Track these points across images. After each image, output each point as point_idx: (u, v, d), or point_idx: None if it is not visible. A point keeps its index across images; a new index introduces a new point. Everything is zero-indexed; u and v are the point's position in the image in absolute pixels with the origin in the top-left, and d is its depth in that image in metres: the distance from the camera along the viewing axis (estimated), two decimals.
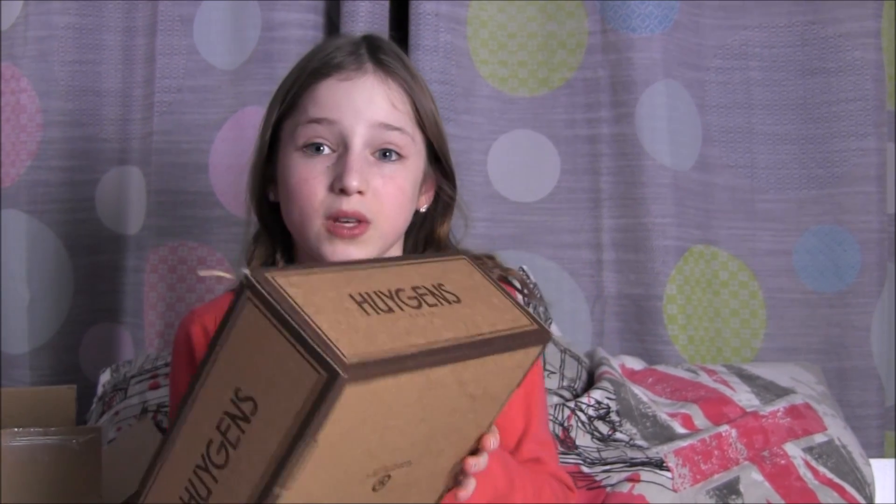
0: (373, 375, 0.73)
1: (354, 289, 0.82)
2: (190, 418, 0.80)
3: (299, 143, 1.17)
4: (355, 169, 1.13)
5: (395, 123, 1.17)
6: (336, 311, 0.77)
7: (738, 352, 1.99)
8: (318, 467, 0.75)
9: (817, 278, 2.00)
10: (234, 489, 0.76)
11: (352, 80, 1.17)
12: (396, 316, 0.81)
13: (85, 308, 2.08)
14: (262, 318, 0.75)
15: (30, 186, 2.04)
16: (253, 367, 0.75)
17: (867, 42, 1.97)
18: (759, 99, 2.03)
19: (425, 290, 0.88)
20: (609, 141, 1.98)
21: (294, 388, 0.72)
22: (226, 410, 0.77)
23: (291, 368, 0.72)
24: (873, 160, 1.97)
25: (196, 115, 2.02)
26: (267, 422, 0.74)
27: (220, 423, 0.77)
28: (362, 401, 0.74)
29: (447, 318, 0.85)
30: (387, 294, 0.84)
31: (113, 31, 2.08)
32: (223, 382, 0.78)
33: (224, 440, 0.77)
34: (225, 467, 0.77)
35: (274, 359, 0.74)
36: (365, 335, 0.76)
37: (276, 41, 1.97)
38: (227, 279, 0.91)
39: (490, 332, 0.87)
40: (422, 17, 1.92)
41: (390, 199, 1.17)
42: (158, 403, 1.66)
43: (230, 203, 1.99)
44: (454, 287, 0.91)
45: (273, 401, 0.74)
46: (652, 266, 1.94)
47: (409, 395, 0.79)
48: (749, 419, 1.64)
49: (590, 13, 1.99)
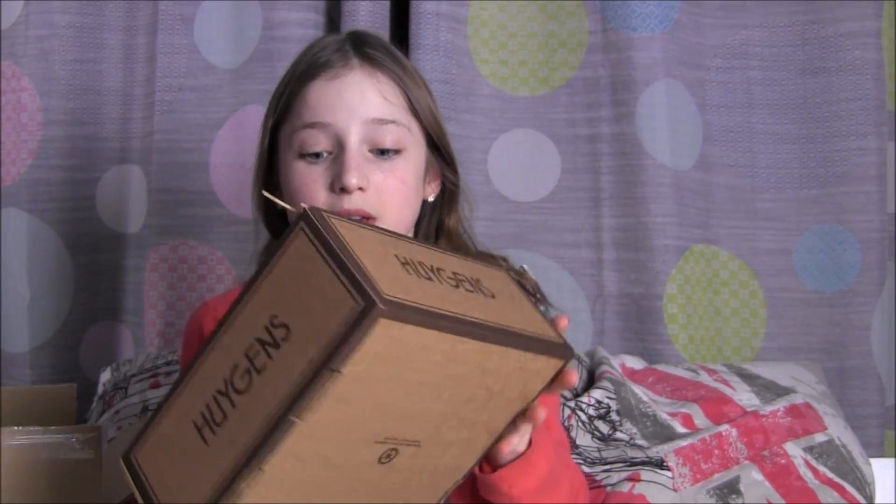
0: (405, 318, 0.74)
1: (400, 252, 0.84)
2: (221, 343, 0.80)
3: (296, 149, 1.17)
4: (353, 167, 1.13)
5: (388, 117, 1.17)
6: (380, 261, 0.79)
7: (738, 351, 1.99)
8: (336, 406, 0.75)
9: (818, 278, 2.00)
10: (250, 415, 0.76)
11: (340, 78, 1.17)
12: (434, 284, 0.83)
13: (85, 307, 2.08)
14: (311, 247, 0.76)
15: (30, 185, 2.04)
16: (294, 294, 0.77)
17: (867, 42, 1.97)
18: (760, 98, 2.03)
19: (464, 278, 0.89)
20: (609, 140, 1.98)
21: (329, 315, 0.73)
22: (258, 337, 0.77)
23: (330, 296, 0.74)
24: (873, 160, 1.96)
25: (197, 115, 2.02)
26: (296, 348, 0.75)
27: (250, 349, 0.78)
28: (391, 342, 0.74)
29: (480, 303, 0.86)
30: (429, 267, 0.86)
31: (114, 29, 2.08)
32: (261, 308, 0.79)
33: (250, 365, 0.77)
34: (245, 393, 0.77)
35: (316, 287, 0.75)
36: (404, 286, 0.78)
37: (276, 40, 1.97)
38: (290, 210, 0.91)
39: (519, 329, 0.87)
40: (422, 17, 1.92)
41: (393, 193, 1.17)
42: (159, 402, 1.66)
43: (231, 202, 1.99)
44: (491, 286, 0.92)
45: (306, 327, 0.75)
46: (652, 265, 1.94)
47: (433, 358, 0.79)
48: (749, 418, 1.64)
49: (590, 12, 1.99)
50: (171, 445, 0.82)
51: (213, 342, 0.81)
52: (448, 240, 1.30)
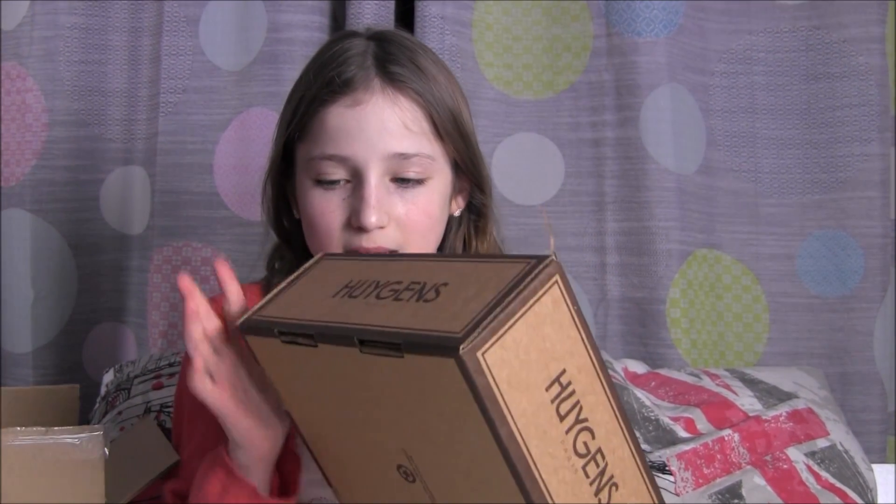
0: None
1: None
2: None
3: (313, 175, 1.14)
4: (372, 205, 1.09)
5: (410, 151, 1.12)
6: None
7: (740, 356, 1.99)
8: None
9: (820, 283, 2.00)
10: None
11: (360, 106, 1.11)
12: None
13: (88, 307, 2.09)
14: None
15: (34, 186, 2.04)
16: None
17: (871, 47, 1.97)
18: (764, 103, 2.03)
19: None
20: (613, 144, 1.98)
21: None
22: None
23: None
24: (877, 165, 1.97)
25: (201, 116, 2.02)
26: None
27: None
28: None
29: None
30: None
31: (119, 31, 2.08)
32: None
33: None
34: None
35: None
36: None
37: (281, 42, 1.97)
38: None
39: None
40: (427, 20, 1.92)
41: (416, 227, 1.13)
42: (162, 403, 1.66)
43: (234, 204, 1.99)
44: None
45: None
46: (655, 269, 1.94)
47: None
48: (752, 423, 1.64)
49: (595, 16, 1.99)
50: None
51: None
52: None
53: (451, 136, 1.16)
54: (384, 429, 0.85)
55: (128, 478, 1.32)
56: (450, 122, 1.16)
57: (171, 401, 1.65)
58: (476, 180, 1.22)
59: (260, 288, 1.27)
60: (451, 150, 1.17)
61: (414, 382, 0.77)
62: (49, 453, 1.18)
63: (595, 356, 0.80)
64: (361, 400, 0.85)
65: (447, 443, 0.78)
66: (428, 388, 0.75)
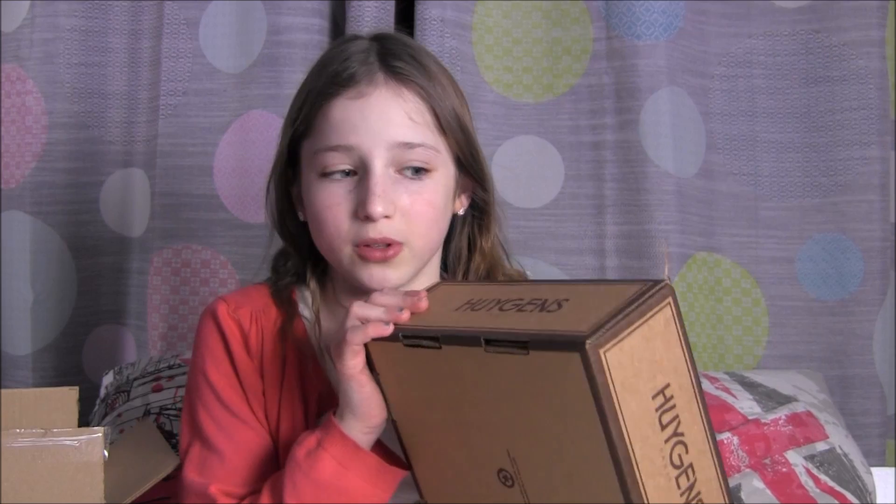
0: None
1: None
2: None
3: (319, 169, 1.14)
4: (377, 194, 1.10)
5: (414, 140, 1.13)
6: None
7: (740, 359, 1.99)
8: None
9: (820, 286, 2.00)
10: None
11: (364, 98, 1.12)
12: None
13: (88, 310, 2.09)
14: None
15: (34, 188, 2.04)
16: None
17: (871, 51, 1.97)
18: (763, 107, 2.03)
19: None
20: (613, 147, 1.98)
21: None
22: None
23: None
24: (876, 169, 1.97)
25: (201, 119, 2.02)
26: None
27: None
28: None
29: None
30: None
31: (119, 33, 2.08)
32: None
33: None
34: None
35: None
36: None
37: (281, 45, 1.97)
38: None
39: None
40: (427, 23, 1.92)
41: (420, 217, 1.14)
42: (161, 406, 1.66)
43: (234, 206, 1.99)
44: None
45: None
46: (655, 273, 1.94)
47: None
48: (751, 426, 1.64)
49: (595, 20, 1.99)
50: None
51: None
52: (482, 257, 1.27)
53: (453, 130, 1.17)
54: (493, 431, 0.91)
55: (127, 480, 1.32)
56: (452, 117, 1.17)
57: (170, 403, 1.65)
58: (478, 176, 1.23)
59: (268, 289, 1.27)
60: (453, 145, 1.18)
61: (535, 381, 0.83)
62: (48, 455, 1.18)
63: (695, 378, 0.86)
64: (477, 401, 0.91)
65: (556, 443, 0.84)
66: (549, 385, 0.81)
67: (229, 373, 1.20)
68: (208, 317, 1.24)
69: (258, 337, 1.21)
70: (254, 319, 1.22)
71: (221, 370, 1.20)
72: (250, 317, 1.22)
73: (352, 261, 1.14)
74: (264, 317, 1.23)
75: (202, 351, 1.23)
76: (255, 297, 1.25)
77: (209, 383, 1.20)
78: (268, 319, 1.23)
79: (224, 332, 1.21)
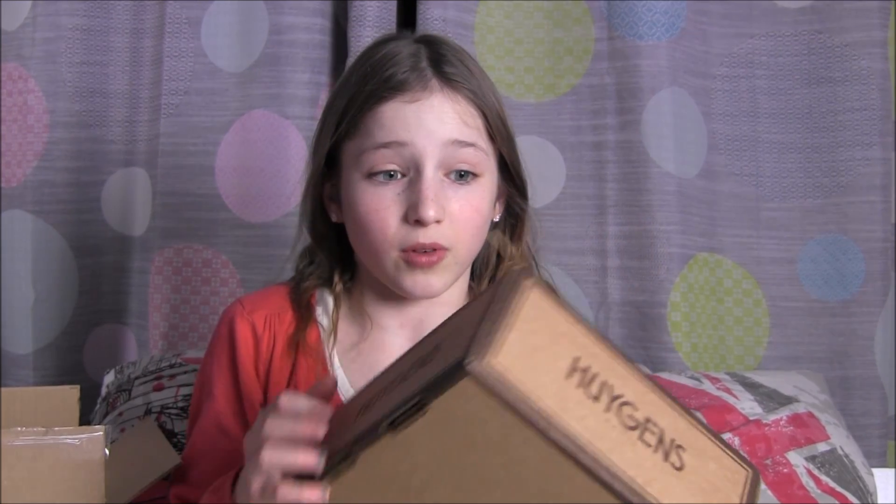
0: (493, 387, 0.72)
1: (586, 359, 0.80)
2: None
3: (365, 169, 1.11)
4: (431, 198, 1.08)
5: (468, 139, 1.11)
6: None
7: (741, 360, 1.99)
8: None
9: (821, 287, 2.00)
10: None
11: (419, 102, 1.10)
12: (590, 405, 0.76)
13: (89, 309, 2.09)
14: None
15: (36, 187, 2.04)
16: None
17: (873, 52, 1.97)
18: (765, 107, 2.03)
19: (656, 429, 0.79)
20: (615, 148, 1.97)
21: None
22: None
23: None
24: (878, 170, 1.97)
25: (203, 118, 2.02)
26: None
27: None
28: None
29: (639, 454, 0.76)
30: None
31: (120, 32, 2.08)
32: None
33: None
34: None
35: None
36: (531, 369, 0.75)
37: (283, 44, 1.97)
38: None
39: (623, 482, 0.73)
40: (429, 23, 1.92)
41: (468, 224, 1.13)
42: (162, 405, 1.66)
43: (236, 206, 1.99)
44: (690, 458, 0.79)
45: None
46: (656, 273, 1.94)
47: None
48: (752, 427, 1.64)
49: (596, 20, 1.99)
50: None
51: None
52: (511, 263, 1.25)
53: (501, 136, 1.16)
54: None
55: (128, 479, 1.32)
56: (500, 123, 1.16)
57: (171, 402, 1.65)
58: (519, 183, 1.23)
59: (288, 290, 1.25)
60: (501, 150, 1.17)
61: (457, 434, 0.75)
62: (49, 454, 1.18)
63: (602, 341, 0.81)
64: (427, 488, 0.80)
65: (520, 482, 0.76)
66: (471, 429, 0.74)
67: (230, 385, 1.19)
68: (224, 323, 1.22)
69: (269, 343, 1.20)
70: (268, 324, 1.21)
71: (223, 380, 1.19)
72: (265, 321, 1.20)
73: (396, 266, 1.12)
74: (278, 321, 1.21)
75: (211, 356, 1.23)
76: (274, 298, 1.24)
77: (209, 391, 1.20)
78: (281, 324, 1.21)
79: (236, 341, 1.19)
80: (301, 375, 1.19)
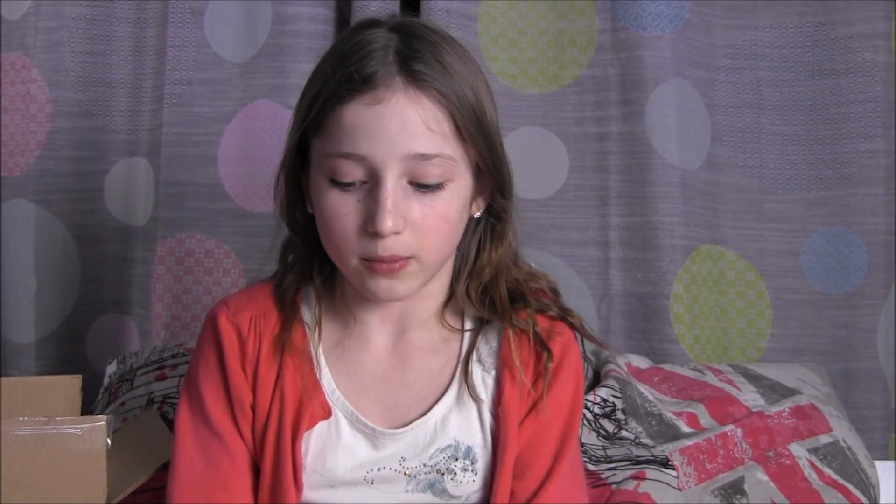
0: None
1: None
2: None
3: (327, 174, 1.08)
4: (388, 209, 1.04)
5: (431, 151, 1.06)
6: None
7: (743, 352, 1.99)
8: None
9: (824, 279, 2.00)
10: None
11: (381, 104, 1.05)
12: None
13: (92, 298, 2.09)
14: None
15: (38, 176, 2.04)
16: None
17: (877, 44, 1.97)
18: (769, 99, 2.02)
19: None
20: (618, 139, 1.97)
21: None
22: None
23: None
24: (881, 162, 1.97)
25: (205, 108, 2.02)
26: None
27: None
28: None
29: None
30: None
31: (124, 22, 2.08)
32: None
33: None
34: None
35: None
36: None
37: (286, 34, 1.97)
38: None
39: None
40: (433, 13, 1.92)
41: (433, 231, 1.08)
42: (165, 395, 1.66)
43: (238, 196, 1.99)
44: None
45: None
46: (659, 265, 1.94)
47: None
48: (754, 419, 1.64)
49: (600, 11, 1.99)
50: None
51: None
52: (489, 264, 1.19)
53: (473, 137, 1.10)
54: None
55: (130, 468, 1.32)
56: (473, 122, 1.10)
57: (174, 391, 1.66)
58: (498, 183, 1.16)
59: (272, 288, 1.23)
60: (472, 152, 1.11)
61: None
62: (51, 443, 1.19)
63: None
64: None
65: None
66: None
67: (218, 385, 1.17)
68: (208, 324, 1.20)
69: (255, 344, 1.17)
70: (253, 325, 1.18)
71: (211, 381, 1.17)
72: (249, 322, 1.18)
73: (359, 271, 1.09)
74: (263, 321, 1.19)
75: (198, 358, 1.20)
76: (258, 298, 1.21)
77: (197, 392, 1.19)
78: (266, 324, 1.19)
79: (221, 342, 1.17)
80: (288, 375, 1.17)
